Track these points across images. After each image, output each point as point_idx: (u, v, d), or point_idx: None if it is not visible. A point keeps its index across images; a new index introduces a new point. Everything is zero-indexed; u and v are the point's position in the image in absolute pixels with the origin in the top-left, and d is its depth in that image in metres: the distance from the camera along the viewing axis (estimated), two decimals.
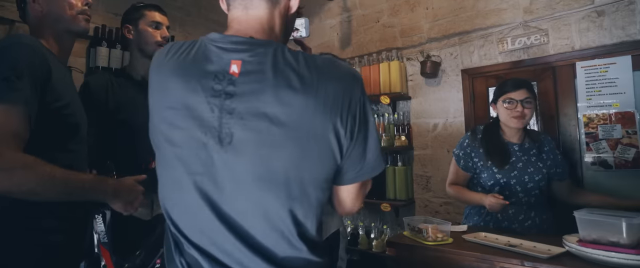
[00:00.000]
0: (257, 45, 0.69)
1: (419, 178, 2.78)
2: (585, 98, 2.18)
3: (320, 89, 0.66)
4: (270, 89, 0.65)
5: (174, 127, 0.68)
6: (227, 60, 0.68)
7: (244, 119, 0.65)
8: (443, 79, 2.69)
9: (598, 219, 1.31)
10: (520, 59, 2.39)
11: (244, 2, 0.75)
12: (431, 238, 1.57)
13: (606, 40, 2.13)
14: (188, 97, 0.67)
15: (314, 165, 0.67)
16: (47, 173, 0.90)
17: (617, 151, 2.08)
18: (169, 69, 0.70)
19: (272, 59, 0.67)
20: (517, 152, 1.78)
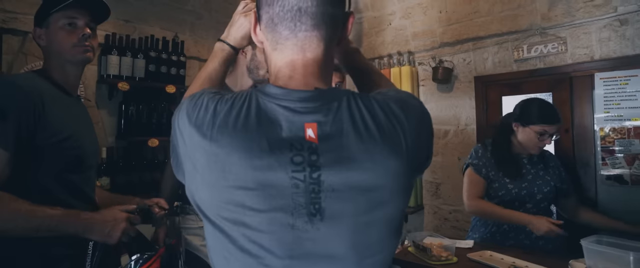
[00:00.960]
0: (328, 99, 0.60)
1: (429, 185, 2.75)
2: (602, 110, 2.10)
3: (405, 140, 0.61)
4: (357, 153, 0.57)
5: (247, 209, 0.57)
6: (299, 124, 0.58)
7: (336, 190, 0.57)
8: (455, 85, 2.63)
9: (605, 250, 1.29)
10: (536, 67, 2.31)
11: (301, 43, 0.62)
12: (435, 258, 1.57)
13: (628, 51, 2.04)
14: (263, 175, 0.56)
15: (401, 213, 0.65)
16: (13, 210, 0.91)
17: (634, 167, 2.01)
18: (225, 141, 0.58)
19: (348, 114, 0.59)
20: (526, 164, 1.79)
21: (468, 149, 2.55)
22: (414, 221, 2.79)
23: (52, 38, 1.11)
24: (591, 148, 2.15)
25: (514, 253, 1.60)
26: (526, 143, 1.74)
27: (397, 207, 0.62)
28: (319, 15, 0.61)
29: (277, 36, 0.63)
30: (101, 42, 2.37)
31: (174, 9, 2.76)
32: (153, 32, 2.59)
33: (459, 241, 1.81)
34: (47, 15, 1.11)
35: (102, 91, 2.39)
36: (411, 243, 1.73)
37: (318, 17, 0.61)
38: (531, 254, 1.60)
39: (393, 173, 0.59)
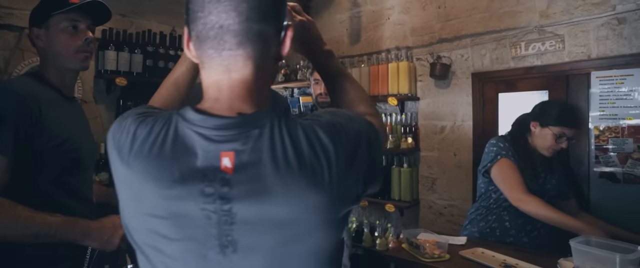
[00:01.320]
0: (250, 125, 0.56)
1: (425, 180, 2.79)
2: (597, 109, 2.11)
3: (330, 172, 0.55)
4: (272, 185, 0.54)
5: (161, 236, 0.57)
6: (215, 153, 0.54)
7: (250, 223, 0.54)
8: (453, 81, 2.64)
9: (593, 251, 1.32)
10: (533, 65, 2.31)
11: (226, 62, 0.58)
12: (428, 255, 1.60)
13: (625, 50, 2.04)
14: (174, 206, 0.55)
15: (332, 244, 0.60)
16: (12, 216, 0.93)
17: (626, 165, 2.03)
18: (139, 168, 0.57)
19: (269, 143, 0.55)
20: (539, 165, 1.80)
21: (464, 145, 2.58)
22: (409, 215, 2.83)
23: (52, 40, 1.10)
24: (585, 146, 2.17)
25: (505, 250, 1.63)
26: (541, 144, 1.73)
27: (324, 240, 0.58)
28: (242, 32, 0.57)
29: (203, 55, 0.59)
30: (98, 37, 2.37)
31: (171, 3, 2.74)
32: (150, 26, 2.58)
33: (452, 237, 1.85)
34: (48, 16, 1.09)
35: (99, 86, 2.39)
36: (405, 240, 1.76)
37: (242, 34, 0.57)
38: (522, 252, 1.63)
39: (312, 207, 0.55)
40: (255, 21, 0.57)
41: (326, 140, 0.56)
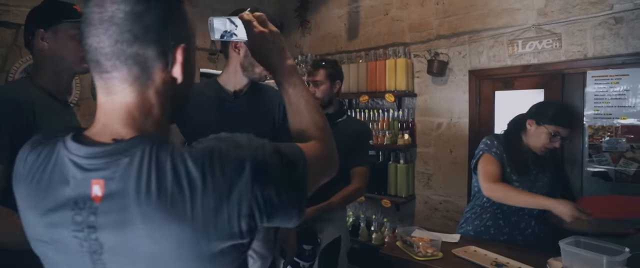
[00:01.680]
0: (121, 153, 0.54)
1: (421, 176, 2.82)
2: (593, 108, 2.13)
3: (194, 205, 0.53)
4: (134, 215, 0.52)
5: (48, 259, 0.60)
6: (86, 181, 0.54)
7: (117, 254, 0.54)
8: (450, 77, 2.64)
9: (581, 253, 1.35)
10: (530, 63, 2.32)
11: (106, 85, 0.58)
12: (421, 254, 1.64)
13: (621, 50, 2.05)
14: (52, 232, 0.56)
15: None
16: (11, 224, 0.93)
17: (619, 164, 2.06)
18: (23, 194, 0.59)
19: (136, 172, 0.53)
20: (531, 164, 1.81)
21: (460, 142, 2.60)
22: (405, 210, 2.87)
23: (60, 45, 1.12)
24: (579, 145, 2.19)
25: (497, 249, 1.67)
26: (535, 143, 1.75)
27: None
28: (114, 55, 0.56)
29: (92, 77, 0.60)
30: None
31: None
32: None
33: (446, 235, 1.88)
34: (59, 21, 1.11)
35: None
36: (399, 238, 1.79)
37: (114, 57, 0.56)
38: (514, 250, 1.66)
39: (175, 241, 0.53)
40: (128, 44, 0.56)
41: (194, 171, 0.53)
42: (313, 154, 0.68)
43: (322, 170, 0.71)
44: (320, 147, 0.72)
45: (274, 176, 0.57)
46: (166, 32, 0.58)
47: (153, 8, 0.57)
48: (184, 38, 0.60)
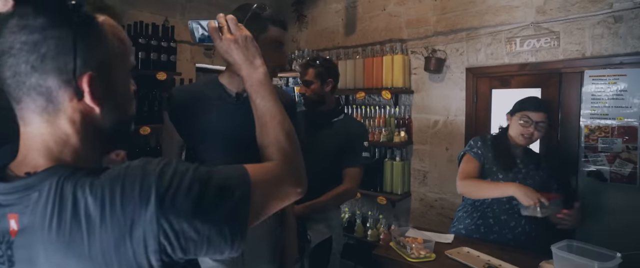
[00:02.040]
0: (31, 187, 0.53)
1: (417, 173, 2.82)
2: (589, 108, 2.12)
3: (91, 242, 0.51)
4: (39, 252, 0.52)
5: None
6: (5, 215, 0.54)
7: None
8: (447, 75, 2.62)
9: (573, 259, 1.36)
10: (528, 61, 2.30)
11: (21, 116, 0.57)
12: (414, 255, 1.65)
13: (620, 49, 2.03)
14: None
15: None
16: None
17: (614, 165, 2.06)
18: None
19: (43, 206, 0.52)
20: (519, 164, 1.83)
21: (456, 140, 2.60)
22: (400, 207, 2.88)
23: None
24: (575, 144, 2.19)
25: (490, 249, 1.67)
26: (514, 133, 1.79)
27: None
28: (17, 87, 0.54)
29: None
30: None
31: None
32: (142, 17, 2.54)
33: (439, 235, 1.89)
34: None
35: None
36: (393, 239, 1.80)
37: (17, 89, 0.55)
38: (507, 251, 1.67)
39: None
40: (26, 75, 0.54)
41: (93, 205, 0.51)
42: (263, 178, 0.65)
43: (275, 195, 0.67)
44: (277, 170, 0.69)
45: (187, 207, 0.53)
46: (67, 60, 0.55)
47: (50, 37, 0.53)
48: (92, 65, 0.56)
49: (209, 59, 3.10)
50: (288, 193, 0.70)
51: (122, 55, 0.61)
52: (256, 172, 0.64)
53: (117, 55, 0.59)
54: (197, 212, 0.54)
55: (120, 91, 0.61)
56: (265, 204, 0.65)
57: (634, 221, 2.01)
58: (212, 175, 0.58)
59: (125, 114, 0.64)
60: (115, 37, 0.59)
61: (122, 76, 0.61)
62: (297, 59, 3.22)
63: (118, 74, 0.60)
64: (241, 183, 0.60)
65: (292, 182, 0.70)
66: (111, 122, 0.61)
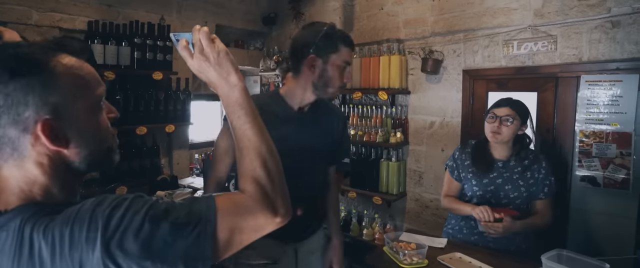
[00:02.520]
0: (1, 226, 0.56)
1: (412, 173, 2.83)
2: (584, 113, 2.12)
3: None
4: None
5: None
6: None
7: None
8: (444, 76, 2.62)
9: None
10: (524, 64, 2.29)
11: None
12: (407, 262, 1.67)
13: (616, 55, 2.02)
14: None
15: None
16: None
17: (608, 170, 2.07)
18: None
19: (8, 247, 0.55)
20: (500, 168, 1.82)
21: (452, 141, 2.61)
22: (396, 207, 2.91)
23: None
24: (570, 149, 2.20)
25: (482, 256, 1.69)
26: (486, 133, 1.81)
27: None
28: None
29: None
30: (84, 29, 2.32)
31: None
32: (138, 16, 2.51)
33: (433, 239, 1.91)
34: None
35: None
36: (386, 244, 1.82)
37: None
38: (499, 257, 1.69)
39: None
40: None
41: (44, 248, 0.53)
42: (232, 212, 0.63)
43: (246, 228, 0.65)
44: (247, 203, 0.66)
45: (135, 248, 0.54)
46: (20, 111, 0.56)
47: (0, 92, 0.55)
48: (47, 110, 0.57)
49: None
50: (262, 225, 0.67)
51: (83, 90, 0.61)
52: (225, 204, 0.63)
53: (76, 94, 0.60)
54: (147, 253, 0.54)
55: (86, 127, 0.61)
56: (235, 237, 0.63)
57: (626, 226, 2.03)
58: (169, 213, 0.58)
59: (100, 147, 0.64)
60: (72, 76, 0.60)
61: (85, 112, 0.61)
62: None
63: (80, 112, 0.60)
64: (202, 219, 0.59)
65: (266, 214, 0.66)
66: (84, 157, 0.62)
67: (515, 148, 1.82)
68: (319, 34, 1.27)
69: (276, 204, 0.67)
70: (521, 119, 1.77)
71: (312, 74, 1.31)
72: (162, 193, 2.32)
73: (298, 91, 1.35)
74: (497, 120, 1.75)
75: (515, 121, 1.74)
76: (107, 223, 0.54)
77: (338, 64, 1.29)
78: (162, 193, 2.32)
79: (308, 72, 1.31)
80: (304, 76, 1.33)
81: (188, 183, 2.69)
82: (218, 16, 3.06)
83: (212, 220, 0.60)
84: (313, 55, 1.28)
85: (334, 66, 1.29)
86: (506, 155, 1.82)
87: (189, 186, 2.60)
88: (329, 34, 1.28)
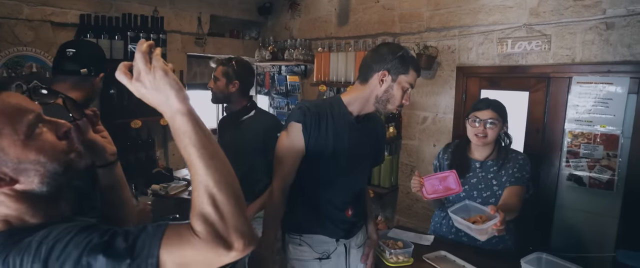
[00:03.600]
0: None
1: (404, 167, 2.87)
2: (574, 114, 2.14)
3: None
4: None
5: None
6: None
7: None
8: (438, 72, 2.62)
9: None
10: (518, 64, 2.29)
11: None
12: (393, 260, 1.73)
13: (609, 57, 2.02)
14: None
15: None
16: None
17: (594, 171, 2.11)
18: None
19: None
20: (477, 168, 1.83)
21: (444, 137, 2.64)
22: (389, 199, 2.96)
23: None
24: (558, 149, 2.23)
25: (467, 254, 1.74)
26: (469, 136, 1.82)
27: None
28: None
29: None
30: (76, 22, 2.30)
31: None
32: (130, 9, 2.49)
33: (421, 236, 1.97)
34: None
35: None
36: None
37: None
38: (482, 255, 1.75)
39: None
40: None
41: None
42: (179, 246, 0.61)
43: (197, 263, 0.62)
44: (194, 242, 0.61)
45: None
46: None
47: None
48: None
49: (200, 48, 3.07)
50: (213, 262, 0.63)
51: (7, 128, 0.61)
52: (172, 239, 0.61)
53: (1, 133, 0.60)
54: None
55: (23, 158, 0.61)
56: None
57: (609, 225, 2.09)
58: (110, 245, 0.59)
59: (52, 167, 0.64)
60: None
61: (15, 146, 0.61)
62: (289, 48, 3.19)
63: (10, 149, 0.61)
64: (143, 253, 0.59)
65: (217, 251, 0.62)
66: (40, 183, 0.64)
67: (495, 148, 1.83)
68: (396, 54, 1.36)
69: (229, 240, 0.62)
70: (502, 120, 1.79)
71: (379, 87, 1.38)
72: (157, 187, 2.36)
73: (360, 100, 1.43)
74: (482, 124, 1.76)
75: (498, 123, 1.76)
76: (49, 254, 0.58)
77: (403, 85, 1.38)
78: (157, 187, 2.36)
79: (376, 84, 1.38)
80: (370, 88, 1.40)
81: (183, 175, 2.73)
82: (212, 7, 3.02)
83: (155, 255, 0.59)
84: (385, 71, 1.36)
85: (399, 85, 1.37)
86: (485, 155, 1.83)
87: (184, 178, 2.64)
88: (404, 56, 1.37)
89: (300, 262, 1.49)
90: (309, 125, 1.36)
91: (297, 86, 3.32)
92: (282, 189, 1.42)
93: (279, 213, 1.43)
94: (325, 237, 1.49)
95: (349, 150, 1.41)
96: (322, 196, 1.45)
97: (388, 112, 1.44)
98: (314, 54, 3.11)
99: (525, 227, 1.92)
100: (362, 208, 1.64)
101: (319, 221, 1.48)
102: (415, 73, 1.40)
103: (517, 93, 2.31)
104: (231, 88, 1.92)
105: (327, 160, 1.39)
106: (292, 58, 3.14)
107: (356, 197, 1.55)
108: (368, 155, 1.56)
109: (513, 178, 1.75)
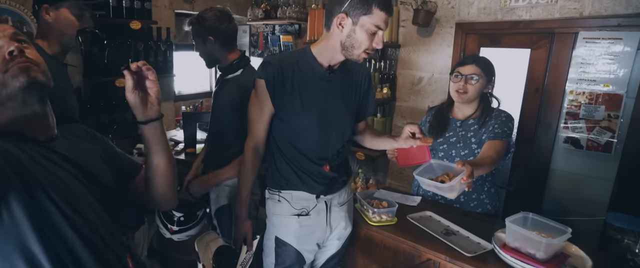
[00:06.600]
0: None
1: (398, 129, 2.80)
2: (577, 72, 2.02)
3: None
4: None
5: None
6: None
7: None
8: (436, 29, 2.47)
9: (523, 233, 1.38)
10: (521, 18, 2.14)
11: None
12: (376, 219, 1.69)
13: (621, 10, 1.87)
14: None
15: None
16: None
17: (593, 133, 2.02)
18: None
19: None
20: (458, 127, 1.76)
21: (439, 97, 2.53)
22: (380, 163, 2.91)
23: (60, 20, 1.42)
24: (557, 110, 2.12)
25: (453, 215, 1.70)
26: (451, 93, 1.74)
27: None
28: None
29: None
30: None
31: None
32: None
33: (408, 197, 1.92)
34: (62, 1, 1.42)
35: None
36: (358, 201, 1.83)
37: None
38: (469, 217, 1.70)
39: None
40: None
41: None
42: None
43: None
44: None
45: None
46: None
47: None
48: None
49: (189, 5, 2.93)
50: None
51: None
52: None
53: None
54: None
55: None
56: None
57: (603, 188, 2.02)
58: None
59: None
60: None
61: None
62: (282, 5, 3.04)
63: None
64: None
65: None
66: None
67: (479, 108, 1.74)
68: None
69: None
70: (487, 77, 1.68)
71: (340, 32, 1.25)
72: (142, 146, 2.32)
73: (328, 49, 1.32)
74: (463, 79, 1.67)
75: (480, 79, 1.66)
76: None
77: (368, 27, 1.21)
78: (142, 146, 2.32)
79: (337, 30, 1.26)
80: (334, 35, 1.28)
81: (171, 136, 2.69)
82: None
83: None
84: (343, 14, 1.21)
85: (363, 28, 1.22)
86: (467, 114, 1.74)
87: (172, 139, 2.60)
88: None
89: (278, 217, 1.46)
90: (272, 80, 1.27)
91: (290, 46, 3.20)
92: (253, 148, 1.37)
93: (250, 172, 1.39)
94: (305, 193, 1.44)
95: (319, 103, 1.33)
96: (297, 151, 1.39)
97: (358, 59, 1.31)
98: (307, 12, 2.96)
99: (517, 191, 1.87)
100: (345, 163, 1.58)
101: (297, 176, 1.43)
102: (382, 12, 1.21)
103: (518, 51, 2.18)
104: (209, 47, 1.70)
105: (296, 115, 1.32)
106: (286, 16, 3.00)
107: (336, 152, 1.47)
108: (347, 109, 1.45)
109: (492, 134, 1.66)
